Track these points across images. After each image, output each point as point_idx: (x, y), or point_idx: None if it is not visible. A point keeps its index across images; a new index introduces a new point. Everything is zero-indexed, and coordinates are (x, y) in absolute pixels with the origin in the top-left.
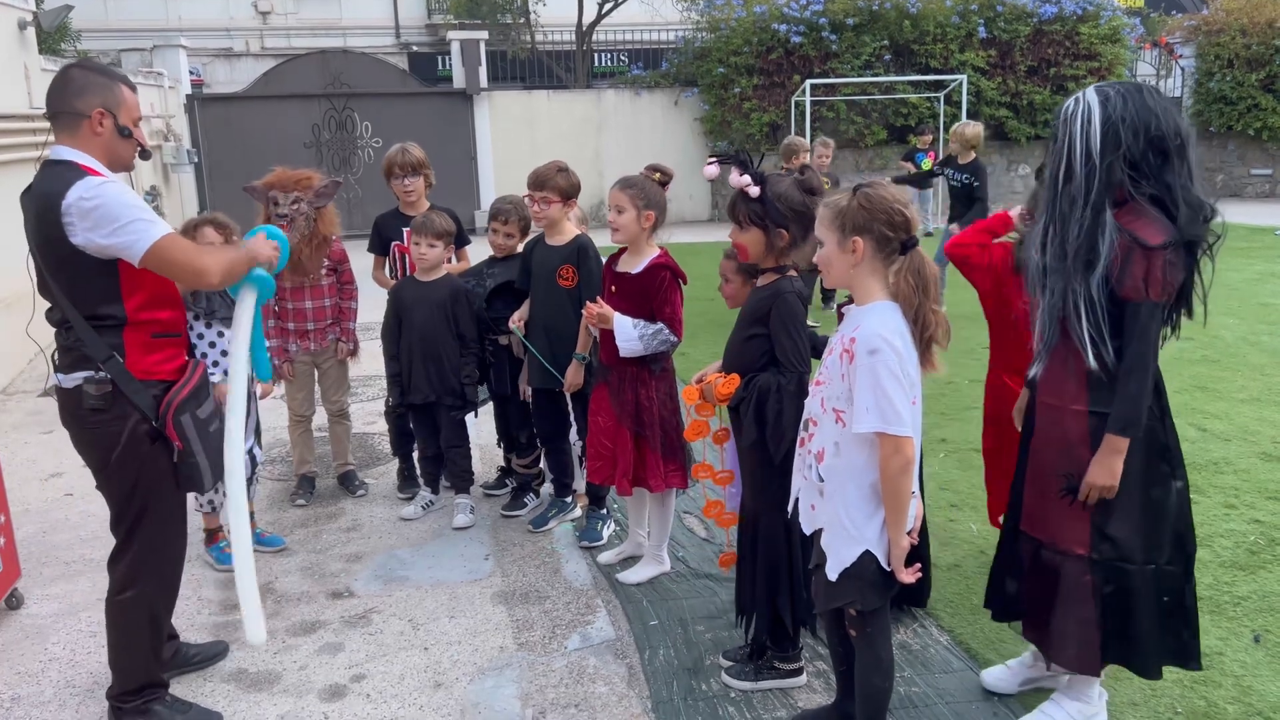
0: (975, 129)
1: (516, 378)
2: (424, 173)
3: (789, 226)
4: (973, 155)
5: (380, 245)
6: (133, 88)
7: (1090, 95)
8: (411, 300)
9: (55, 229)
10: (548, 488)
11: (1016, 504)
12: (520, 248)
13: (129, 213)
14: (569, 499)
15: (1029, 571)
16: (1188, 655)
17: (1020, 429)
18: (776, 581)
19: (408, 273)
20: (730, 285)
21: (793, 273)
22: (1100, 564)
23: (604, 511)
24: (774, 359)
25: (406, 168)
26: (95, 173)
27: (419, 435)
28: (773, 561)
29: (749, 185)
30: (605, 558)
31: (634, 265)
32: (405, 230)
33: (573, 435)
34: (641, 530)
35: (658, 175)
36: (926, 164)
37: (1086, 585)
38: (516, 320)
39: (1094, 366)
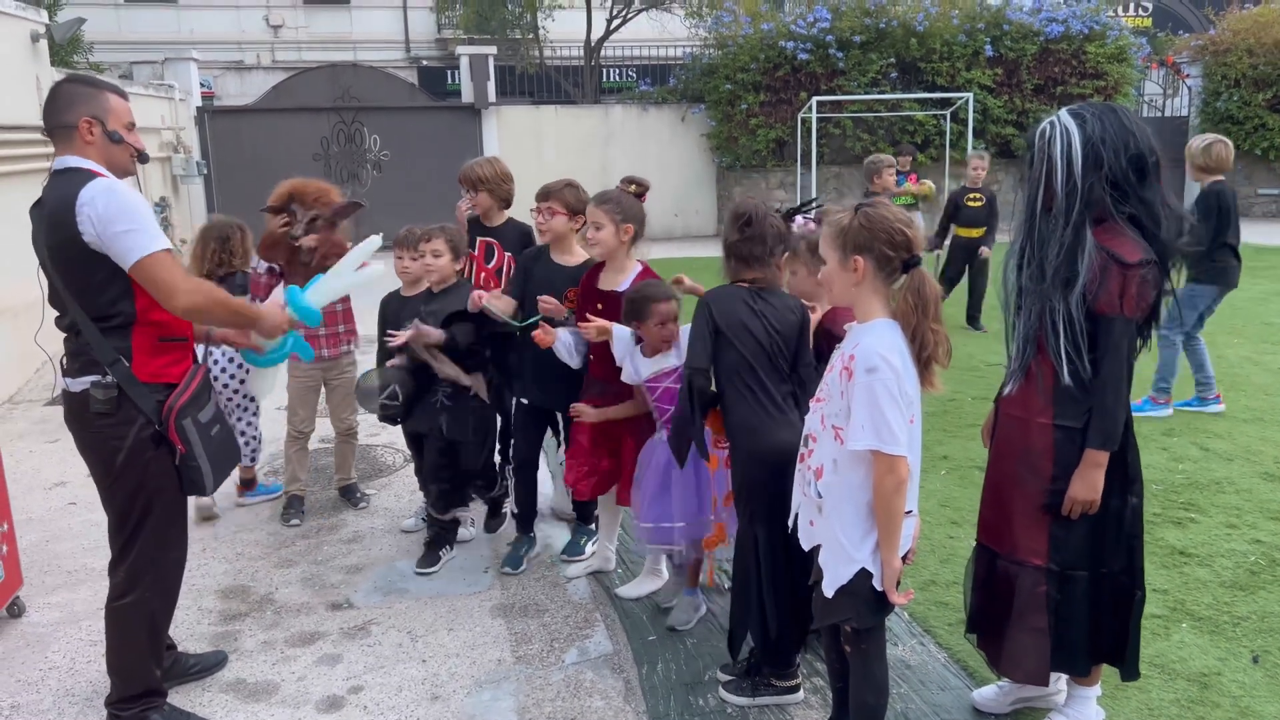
0: None
1: (470, 423)
2: (485, 188)
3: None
4: None
5: None
6: (122, 95)
7: (1066, 118)
8: (393, 315)
9: (69, 228)
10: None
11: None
12: (459, 272)
13: (138, 220)
14: (533, 534)
15: (983, 583)
16: (1124, 661)
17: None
18: (746, 598)
19: (475, 278)
20: (795, 278)
21: (743, 283)
22: (1055, 574)
23: (591, 526)
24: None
25: (467, 182)
26: (104, 175)
27: (411, 450)
28: (744, 578)
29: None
30: (572, 571)
31: (618, 282)
32: (478, 240)
33: (561, 456)
34: (611, 545)
35: (633, 188)
36: (907, 187)
37: (1040, 596)
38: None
39: (1069, 383)
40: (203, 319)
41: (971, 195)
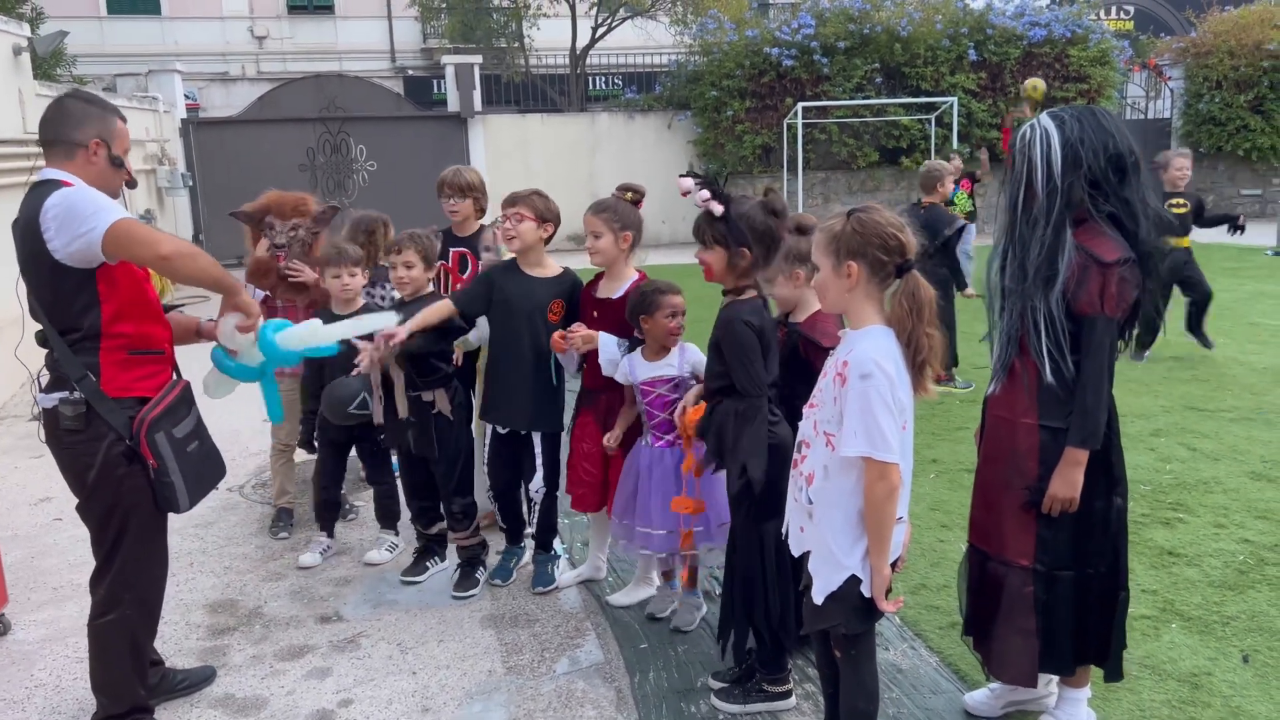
0: None
1: (444, 437)
2: (472, 195)
3: (751, 247)
4: None
5: None
6: (124, 119)
7: (1045, 121)
8: None
9: (37, 242)
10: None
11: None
12: (429, 284)
13: (91, 206)
14: (523, 544)
15: (975, 583)
16: (1108, 661)
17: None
18: (751, 599)
19: (450, 289)
20: (774, 286)
21: (751, 293)
22: (1042, 575)
23: (552, 554)
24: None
25: (454, 188)
26: (72, 185)
27: (367, 467)
28: (748, 578)
29: (711, 202)
30: (563, 581)
31: (614, 290)
32: (451, 250)
33: (536, 482)
34: (602, 554)
35: (629, 195)
36: (962, 197)
37: (1028, 597)
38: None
39: (1052, 382)
40: (188, 268)
41: (1174, 201)
